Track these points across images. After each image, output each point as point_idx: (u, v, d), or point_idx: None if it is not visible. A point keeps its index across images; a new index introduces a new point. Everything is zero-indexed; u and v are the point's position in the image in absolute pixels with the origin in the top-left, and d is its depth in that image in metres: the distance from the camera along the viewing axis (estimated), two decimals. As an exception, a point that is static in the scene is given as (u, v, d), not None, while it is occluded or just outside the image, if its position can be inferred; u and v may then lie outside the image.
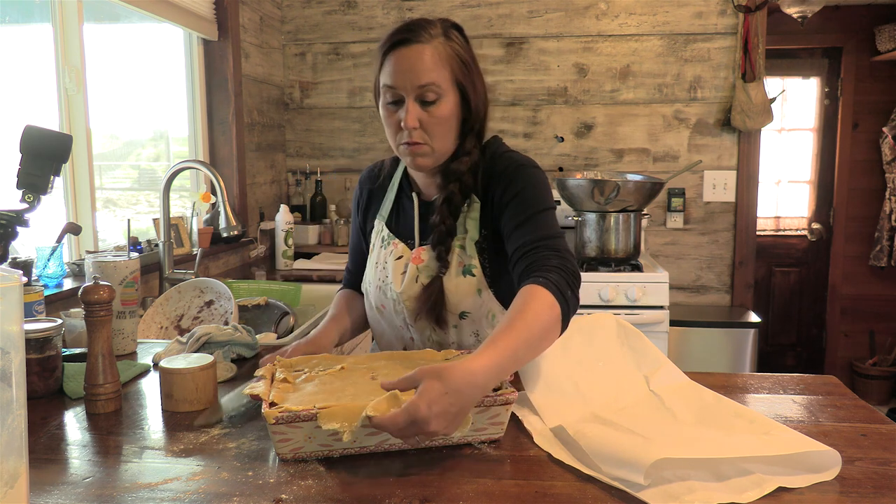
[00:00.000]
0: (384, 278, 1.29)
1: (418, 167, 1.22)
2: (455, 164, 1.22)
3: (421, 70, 1.14)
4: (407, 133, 1.16)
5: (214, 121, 2.74)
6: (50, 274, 1.70)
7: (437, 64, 1.15)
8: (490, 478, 0.84)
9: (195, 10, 2.52)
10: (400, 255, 1.28)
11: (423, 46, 1.15)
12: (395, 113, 1.18)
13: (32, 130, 1.25)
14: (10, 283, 0.66)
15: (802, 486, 0.81)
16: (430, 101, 1.16)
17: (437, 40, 1.16)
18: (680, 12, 3.09)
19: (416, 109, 1.15)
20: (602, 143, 3.20)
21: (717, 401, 1.06)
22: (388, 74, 1.16)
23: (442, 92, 1.16)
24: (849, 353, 4.28)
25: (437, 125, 1.17)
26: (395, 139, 1.20)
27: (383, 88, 1.18)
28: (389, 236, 1.31)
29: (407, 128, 1.16)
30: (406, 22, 1.19)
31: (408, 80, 1.15)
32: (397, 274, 1.27)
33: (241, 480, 0.84)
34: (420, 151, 1.18)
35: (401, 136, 1.18)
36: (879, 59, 4.01)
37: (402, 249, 1.28)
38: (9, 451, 0.67)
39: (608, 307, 2.63)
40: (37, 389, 1.14)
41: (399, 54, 1.16)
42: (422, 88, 1.15)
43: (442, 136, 1.19)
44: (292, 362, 1.08)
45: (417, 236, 1.28)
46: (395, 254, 1.28)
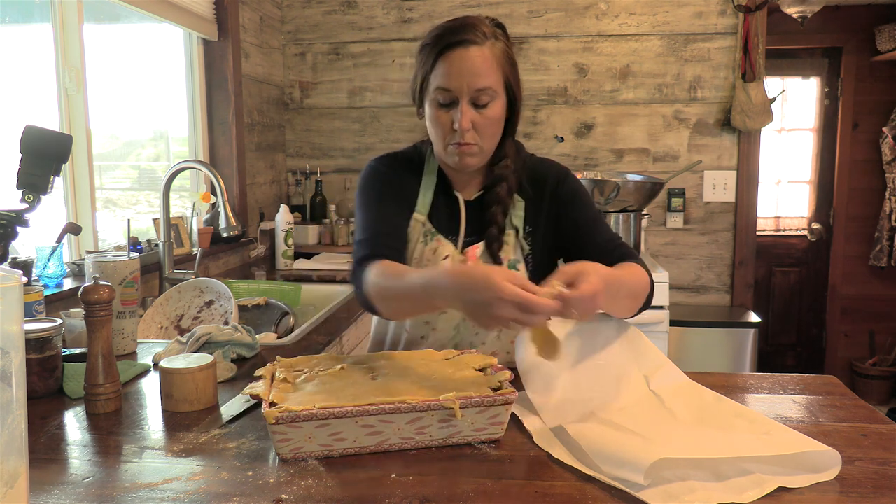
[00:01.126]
0: None
1: (466, 166, 1.23)
2: (499, 168, 1.26)
3: (478, 73, 1.15)
4: (459, 134, 1.18)
5: (214, 121, 2.74)
6: (50, 274, 1.70)
7: (493, 67, 1.17)
8: (490, 478, 0.84)
9: (195, 10, 2.52)
10: (447, 255, 1.27)
11: (479, 49, 1.16)
12: (446, 114, 1.19)
13: (32, 130, 1.25)
14: (10, 283, 0.66)
15: (802, 487, 0.81)
16: (485, 103, 1.17)
17: (490, 41, 1.17)
18: (680, 12, 3.09)
19: (470, 112, 1.17)
20: (602, 143, 3.20)
21: (718, 401, 1.06)
22: (442, 76, 1.16)
23: (495, 94, 1.18)
24: (849, 353, 4.28)
25: (489, 126, 1.19)
26: (445, 140, 1.21)
27: (436, 90, 1.18)
28: (433, 232, 1.28)
29: (461, 130, 1.17)
30: (456, 21, 1.19)
31: (464, 84, 1.15)
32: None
33: (241, 480, 0.84)
34: (470, 152, 1.20)
35: (452, 136, 1.19)
36: (879, 59, 4.01)
37: (447, 248, 1.27)
38: (9, 451, 0.67)
39: (608, 307, 2.62)
40: (37, 389, 1.14)
41: (455, 56, 1.15)
42: (478, 92, 1.16)
43: (491, 136, 1.21)
44: (292, 362, 1.08)
45: (463, 234, 1.29)
46: (441, 252, 1.27)
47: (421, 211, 1.29)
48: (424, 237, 1.28)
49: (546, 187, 1.29)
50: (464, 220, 1.29)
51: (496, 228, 1.25)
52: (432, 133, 1.24)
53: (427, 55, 1.19)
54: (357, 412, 0.88)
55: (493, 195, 1.26)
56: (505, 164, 1.26)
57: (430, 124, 1.23)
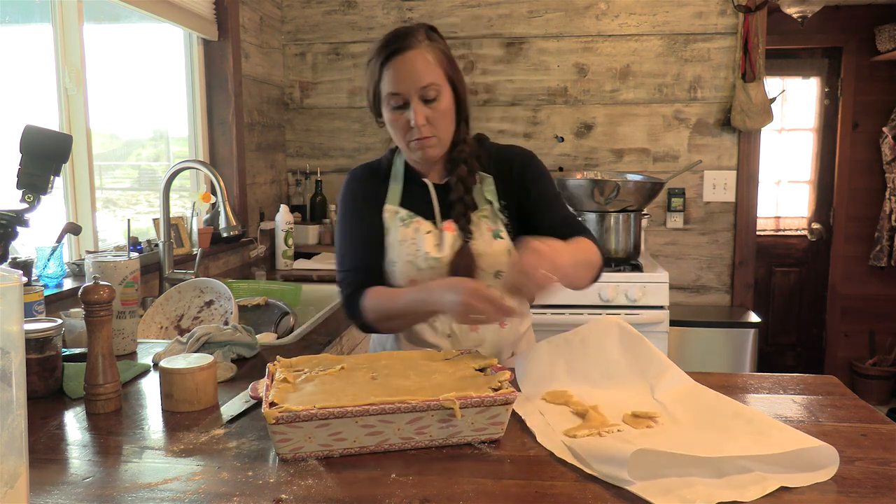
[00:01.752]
0: (414, 252, 1.36)
1: (429, 158, 1.36)
2: (456, 153, 1.38)
3: (420, 73, 1.28)
4: (416, 130, 1.30)
5: (214, 121, 2.74)
6: (50, 274, 1.70)
7: (431, 65, 1.29)
8: (490, 478, 0.84)
9: (195, 10, 2.52)
10: (429, 230, 1.38)
11: (416, 52, 1.28)
12: (401, 115, 1.31)
13: (32, 130, 1.25)
14: (10, 283, 0.66)
15: (803, 486, 0.81)
16: (432, 98, 1.29)
17: (424, 44, 1.29)
18: (680, 12, 3.09)
19: (421, 108, 1.29)
20: (602, 143, 3.20)
21: (718, 401, 1.06)
22: (390, 83, 1.29)
23: (440, 89, 1.30)
24: (849, 353, 4.28)
25: (440, 119, 1.31)
26: (405, 138, 1.33)
27: (387, 96, 1.30)
28: (410, 215, 1.40)
29: (417, 126, 1.29)
30: (393, 32, 1.32)
31: (410, 84, 1.28)
32: (431, 245, 1.36)
33: (241, 480, 0.84)
34: (429, 144, 1.32)
35: (410, 134, 1.31)
36: (879, 59, 4.01)
37: (427, 226, 1.39)
38: (9, 451, 0.67)
39: (608, 307, 2.63)
40: (37, 389, 1.14)
41: (398, 62, 1.28)
42: (424, 89, 1.28)
43: (446, 127, 1.34)
44: (292, 362, 1.08)
45: (438, 214, 1.40)
46: (424, 229, 1.38)
47: (392, 202, 1.41)
48: (402, 221, 1.39)
49: (514, 166, 1.42)
50: (436, 201, 1.40)
51: (462, 205, 1.36)
52: (394, 135, 1.36)
53: (373, 67, 1.32)
54: (357, 412, 0.88)
55: (455, 176, 1.38)
56: (461, 149, 1.38)
57: (390, 128, 1.36)
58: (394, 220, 1.40)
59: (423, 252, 1.36)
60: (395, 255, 1.38)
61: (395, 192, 1.42)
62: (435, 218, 1.40)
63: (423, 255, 1.36)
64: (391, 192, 1.42)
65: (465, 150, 1.38)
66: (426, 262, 1.35)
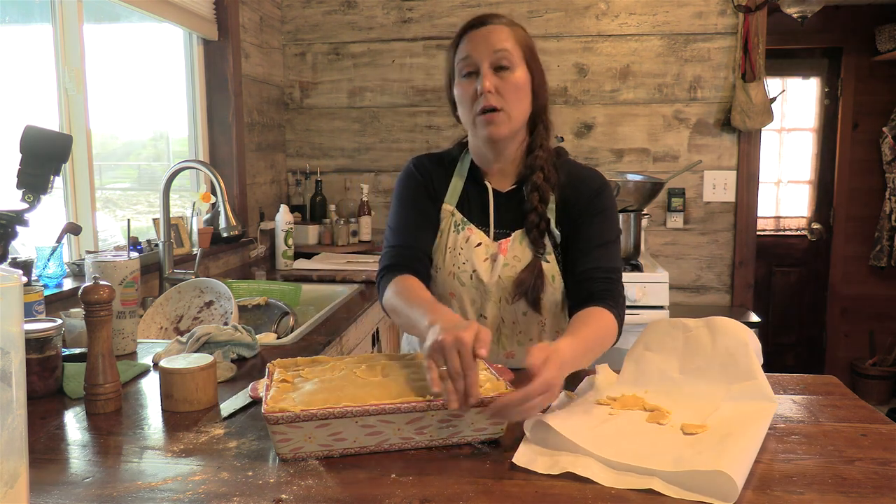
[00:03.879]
0: (460, 264, 1.31)
1: (494, 136, 1.25)
2: (531, 158, 1.31)
3: (495, 40, 1.23)
4: (483, 98, 1.22)
5: (214, 121, 2.74)
6: (50, 274, 1.70)
7: (510, 39, 1.24)
8: (490, 478, 0.84)
9: (195, 10, 2.52)
10: (479, 243, 1.31)
11: (496, 26, 1.25)
12: (470, 84, 1.25)
13: (32, 130, 1.25)
14: (10, 283, 0.66)
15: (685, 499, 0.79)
16: (505, 66, 1.23)
17: (504, 22, 1.26)
18: (680, 12, 3.09)
19: (491, 75, 1.23)
20: (602, 143, 3.20)
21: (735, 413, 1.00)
22: (463, 50, 1.26)
23: (515, 61, 1.24)
24: (849, 353, 4.28)
25: (512, 91, 1.23)
26: (472, 110, 1.26)
27: (459, 63, 1.26)
28: (464, 221, 1.33)
29: (483, 91, 1.22)
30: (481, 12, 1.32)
31: (483, 49, 1.23)
32: (480, 261, 1.30)
33: (241, 480, 0.84)
34: (497, 120, 1.23)
35: (477, 103, 1.24)
36: (879, 59, 4.01)
37: (479, 236, 1.32)
38: (9, 451, 0.67)
39: (608, 307, 2.62)
40: (37, 389, 1.14)
41: (474, 33, 1.25)
42: (496, 54, 1.22)
43: (516, 102, 1.25)
44: (292, 363, 1.08)
45: (493, 225, 1.33)
46: (473, 240, 1.31)
47: (450, 202, 1.34)
48: (455, 226, 1.32)
49: (583, 192, 1.31)
50: (492, 210, 1.33)
51: (535, 215, 1.28)
52: (462, 111, 1.29)
53: (451, 47, 1.30)
54: (357, 412, 0.88)
55: (531, 183, 1.30)
56: (537, 154, 1.30)
57: (459, 102, 1.29)
58: (448, 221, 1.33)
59: (472, 269, 1.30)
60: (440, 260, 1.33)
61: (455, 190, 1.35)
62: (489, 227, 1.33)
63: (471, 273, 1.30)
64: (451, 190, 1.35)
65: (542, 157, 1.30)
66: (471, 280, 1.30)
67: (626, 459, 0.85)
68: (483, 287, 1.31)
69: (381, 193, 3.33)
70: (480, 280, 1.30)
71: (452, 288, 1.32)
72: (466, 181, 1.36)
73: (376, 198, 3.32)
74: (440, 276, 1.33)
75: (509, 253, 1.30)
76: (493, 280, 1.30)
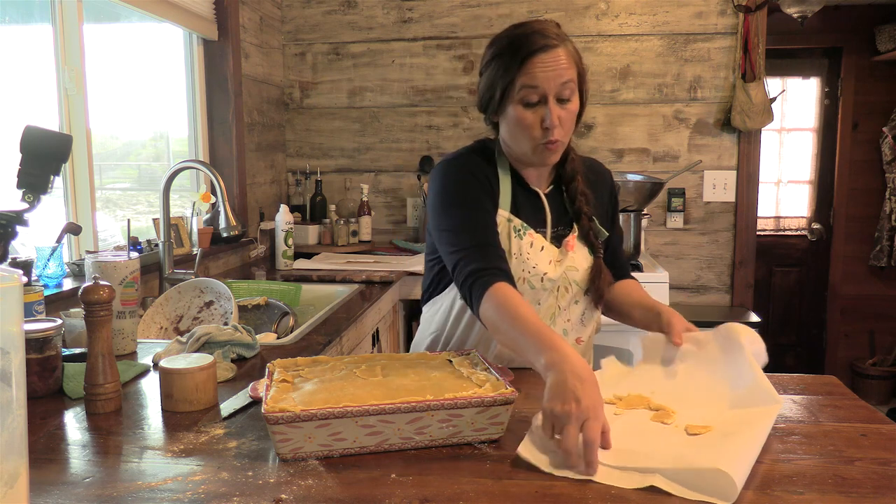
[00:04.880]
0: (529, 269, 1.30)
1: (550, 163, 1.33)
2: (570, 163, 1.37)
3: (562, 70, 1.22)
4: (549, 132, 1.23)
5: (214, 121, 2.74)
6: (50, 274, 1.70)
7: (571, 63, 1.24)
8: (490, 478, 0.84)
9: (195, 10, 2.52)
10: (542, 247, 1.32)
11: (560, 49, 1.23)
12: (533, 114, 1.24)
13: (32, 130, 1.25)
14: (10, 283, 0.66)
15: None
16: (567, 98, 1.24)
17: (566, 43, 1.25)
18: (680, 12, 3.09)
19: (557, 108, 1.23)
20: (602, 143, 3.19)
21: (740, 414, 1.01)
22: (530, 76, 1.21)
23: (575, 89, 1.25)
24: (849, 353, 4.28)
25: (570, 121, 1.27)
26: (534, 139, 1.25)
27: (523, 90, 1.22)
28: (524, 227, 1.32)
29: (552, 126, 1.23)
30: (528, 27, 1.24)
31: (552, 81, 1.21)
32: (547, 264, 1.31)
33: (241, 480, 0.84)
34: (556, 148, 1.27)
35: (542, 135, 1.25)
36: (879, 59, 4.01)
37: (541, 240, 1.33)
38: (9, 451, 0.67)
39: (608, 307, 2.62)
40: (37, 389, 1.14)
41: (541, 58, 1.21)
42: (562, 86, 1.22)
43: (570, 131, 1.29)
44: (292, 363, 1.08)
45: (549, 226, 1.36)
46: (538, 245, 1.31)
47: (504, 206, 1.32)
48: (516, 232, 1.31)
49: (606, 182, 1.46)
50: (549, 213, 1.35)
51: (587, 219, 1.35)
52: (518, 134, 1.27)
53: (509, 61, 1.23)
54: (357, 412, 0.88)
55: (573, 189, 1.35)
56: (573, 157, 1.37)
57: (515, 126, 1.26)
58: (506, 227, 1.30)
59: (541, 272, 1.30)
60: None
61: (506, 195, 1.32)
62: (546, 229, 1.35)
63: (540, 276, 1.30)
64: (503, 195, 1.32)
65: (577, 161, 1.37)
66: (541, 283, 1.31)
67: (628, 459, 0.86)
68: (551, 285, 1.32)
69: (381, 193, 3.33)
70: (551, 280, 1.32)
71: (521, 291, 1.26)
72: (513, 186, 1.35)
73: (376, 198, 3.33)
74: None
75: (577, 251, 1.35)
76: (558, 277, 1.33)
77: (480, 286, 1.18)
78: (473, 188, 1.29)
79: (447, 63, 3.20)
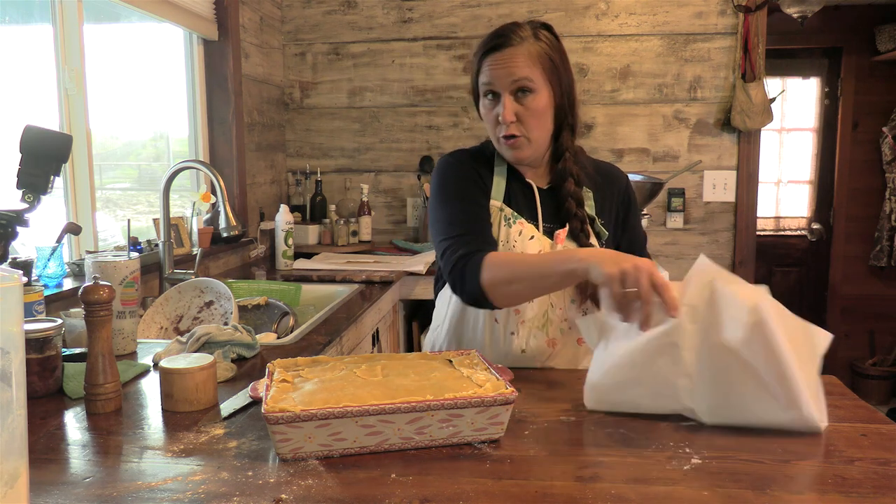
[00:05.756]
0: None
1: (517, 159, 1.34)
2: (562, 163, 1.36)
3: (514, 67, 1.26)
4: (504, 126, 1.28)
5: (214, 121, 2.74)
6: (50, 274, 1.70)
7: (528, 62, 1.27)
8: (490, 478, 0.84)
9: (195, 10, 2.52)
10: (532, 236, 1.33)
11: (515, 48, 1.27)
12: (492, 108, 1.31)
13: (32, 130, 1.25)
14: (10, 283, 0.66)
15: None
16: (525, 93, 1.27)
17: (528, 41, 1.28)
18: (680, 12, 3.09)
19: (511, 104, 1.28)
20: (602, 143, 3.20)
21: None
22: (485, 75, 1.30)
23: (535, 86, 1.27)
24: (849, 353, 4.28)
25: (533, 117, 1.29)
26: (495, 132, 1.32)
27: (482, 86, 1.31)
28: (514, 215, 1.35)
29: (504, 122, 1.28)
30: (498, 28, 1.31)
31: (503, 77, 1.27)
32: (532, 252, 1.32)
33: (241, 480, 0.84)
34: (517, 145, 1.31)
35: (499, 129, 1.31)
36: (879, 59, 4.01)
37: (531, 230, 1.34)
38: (9, 451, 0.67)
39: (608, 307, 2.62)
40: (37, 389, 1.14)
41: (494, 57, 1.28)
42: (515, 83, 1.27)
43: (537, 127, 1.30)
44: (292, 363, 1.08)
45: (541, 219, 1.37)
46: (527, 233, 1.33)
47: (496, 197, 1.36)
48: (506, 220, 1.34)
49: (617, 186, 1.43)
50: (539, 206, 1.37)
51: (577, 221, 1.34)
52: (488, 129, 1.35)
53: (475, 61, 1.33)
54: (357, 412, 0.88)
55: (564, 190, 1.35)
56: (566, 158, 1.36)
57: (484, 121, 1.35)
58: (497, 216, 1.35)
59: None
60: None
61: (499, 186, 1.37)
62: (538, 221, 1.36)
63: None
64: (496, 186, 1.37)
65: (570, 161, 1.36)
66: None
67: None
68: None
69: (381, 193, 3.33)
70: None
71: None
72: (508, 177, 1.39)
73: (376, 198, 3.33)
74: None
75: (565, 244, 1.35)
76: None
77: (475, 263, 1.21)
78: (464, 181, 1.36)
79: (447, 63, 3.20)
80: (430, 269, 2.66)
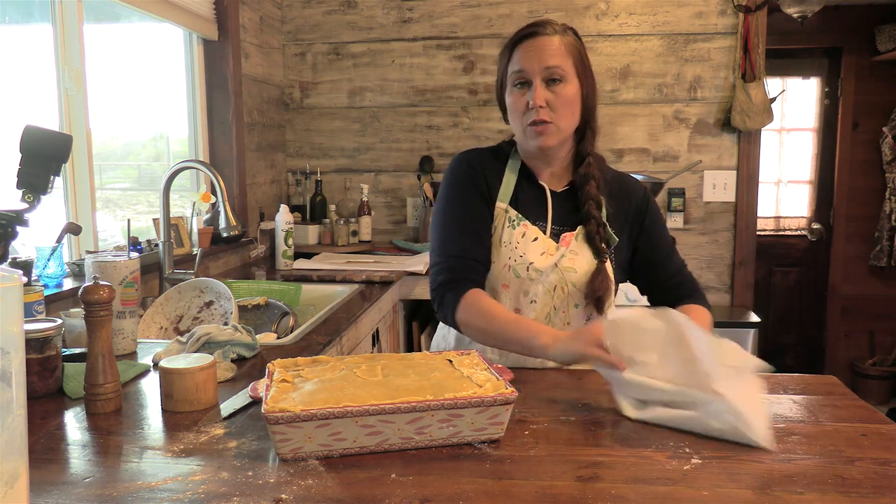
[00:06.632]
0: (516, 257, 1.33)
1: (544, 146, 1.32)
2: (585, 167, 1.36)
3: (548, 54, 1.28)
4: (534, 111, 1.28)
5: (214, 121, 2.74)
6: (50, 274, 1.70)
7: (561, 51, 1.29)
8: (490, 478, 0.84)
9: (195, 10, 2.52)
10: (536, 237, 1.34)
11: (549, 37, 1.29)
12: (521, 96, 1.30)
13: (32, 130, 1.25)
14: (10, 283, 0.66)
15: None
16: (556, 81, 1.28)
17: (559, 34, 1.30)
18: (680, 12, 3.09)
19: (542, 90, 1.28)
20: (602, 143, 3.17)
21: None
22: (516, 62, 1.30)
23: (567, 76, 1.29)
24: (849, 353, 4.28)
25: (562, 106, 1.29)
26: (522, 120, 1.31)
27: (512, 75, 1.31)
28: (519, 217, 1.35)
29: (535, 106, 1.28)
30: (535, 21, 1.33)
31: (535, 63, 1.28)
32: (536, 255, 1.33)
33: (241, 480, 0.84)
34: (547, 131, 1.30)
35: (528, 115, 1.30)
36: (879, 59, 4.01)
37: (535, 231, 1.34)
38: (9, 451, 0.67)
39: (608, 307, 2.62)
40: (37, 389, 1.14)
41: (526, 43, 1.30)
42: (548, 70, 1.28)
43: (566, 116, 1.31)
44: (292, 363, 1.08)
45: (550, 222, 1.37)
46: (530, 235, 1.34)
47: (503, 199, 1.37)
48: (510, 222, 1.35)
49: (633, 199, 1.40)
50: (550, 209, 1.37)
51: (594, 223, 1.34)
52: (513, 120, 1.34)
53: (504, 53, 1.34)
54: (357, 412, 0.88)
55: (585, 193, 1.35)
56: (589, 162, 1.36)
57: (510, 112, 1.34)
58: (502, 218, 1.36)
59: (528, 261, 1.32)
60: (494, 255, 1.35)
61: (507, 188, 1.37)
62: (546, 223, 1.36)
63: (526, 264, 1.32)
64: (504, 188, 1.37)
65: (594, 165, 1.36)
66: (527, 272, 1.32)
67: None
68: (540, 277, 1.33)
69: (381, 193, 3.33)
70: (538, 270, 1.32)
71: (506, 280, 1.34)
72: (519, 179, 1.39)
73: (376, 198, 3.33)
74: (494, 269, 1.35)
75: (572, 244, 1.35)
76: (548, 268, 1.32)
77: (453, 296, 1.29)
78: (469, 188, 1.37)
79: (447, 63, 3.20)
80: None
